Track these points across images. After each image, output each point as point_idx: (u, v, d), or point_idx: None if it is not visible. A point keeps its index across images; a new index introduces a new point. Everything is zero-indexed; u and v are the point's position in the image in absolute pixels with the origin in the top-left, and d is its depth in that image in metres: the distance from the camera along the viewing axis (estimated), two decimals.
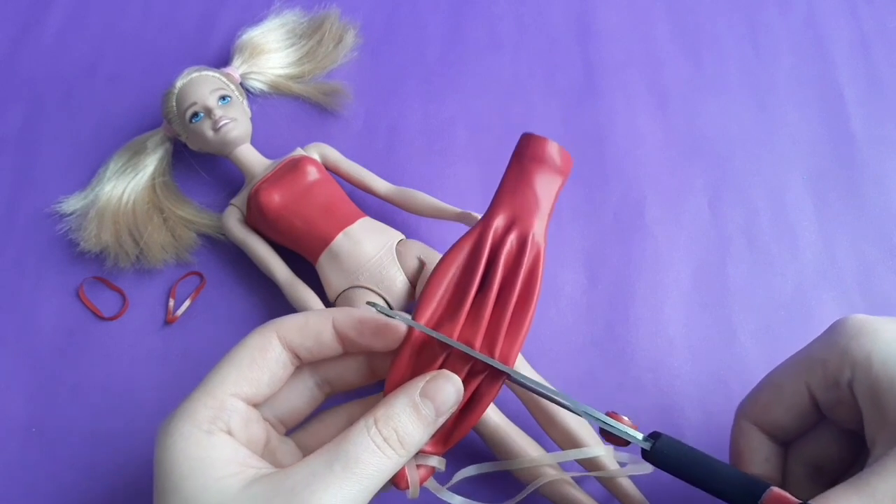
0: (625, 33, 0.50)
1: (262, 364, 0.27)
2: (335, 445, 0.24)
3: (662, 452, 0.28)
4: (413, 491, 0.27)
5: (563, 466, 0.35)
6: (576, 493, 0.34)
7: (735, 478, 0.28)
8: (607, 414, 0.28)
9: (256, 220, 0.40)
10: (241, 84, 0.45)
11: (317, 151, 0.42)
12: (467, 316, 0.28)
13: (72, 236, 0.42)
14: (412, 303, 0.38)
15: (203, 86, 0.41)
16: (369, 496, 0.24)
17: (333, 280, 0.38)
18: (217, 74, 0.43)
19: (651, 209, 0.44)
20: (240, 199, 0.41)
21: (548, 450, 0.35)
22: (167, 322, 0.41)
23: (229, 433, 0.26)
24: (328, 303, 0.38)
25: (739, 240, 0.43)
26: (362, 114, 0.47)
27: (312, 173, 0.40)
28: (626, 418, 0.28)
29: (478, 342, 0.28)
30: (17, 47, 0.50)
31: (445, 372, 0.26)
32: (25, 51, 0.50)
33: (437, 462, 0.28)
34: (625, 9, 0.51)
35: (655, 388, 0.39)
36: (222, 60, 0.47)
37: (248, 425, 0.27)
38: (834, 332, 0.29)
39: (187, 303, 0.41)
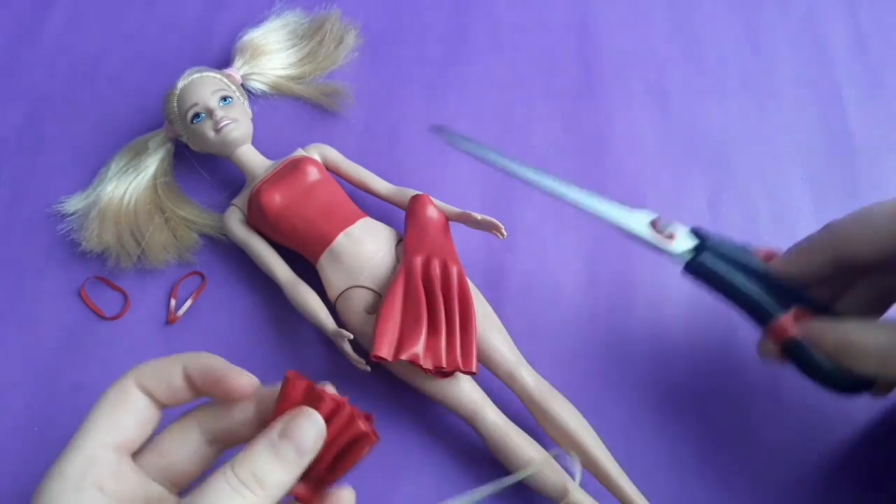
0: (625, 33, 0.50)
1: (124, 408, 0.26)
2: (195, 495, 0.23)
3: (703, 265, 0.33)
4: None
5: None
6: (576, 493, 0.34)
7: (766, 289, 0.32)
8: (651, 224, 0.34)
9: (257, 220, 0.40)
10: (242, 85, 0.45)
11: (317, 152, 0.42)
12: (427, 328, 0.34)
13: (73, 236, 0.42)
14: None
15: (204, 87, 0.41)
16: None
17: (334, 280, 0.38)
18: (218, 75, 0.43)
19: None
20: (241, 200, 0.41)
21: (547, 449, 0.35)
22: (168, 322, 0.41)
23: (100, 489, 0.25)
24: (329, 303, 0.38)
25: (739, 240, 0.43)
26: (363, 114, 0.47)
27: (313, 174, 0.40)
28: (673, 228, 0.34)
29: (441, 347, 0.34)
30: (19, 47, 0.50)
31: (306, 409, 0.25)
32: (27, 51, 0.50)
33: None
34: (625, 9, 0.51)
35: (656, 389, 0.39)
36: (223, 61, 0.47)
37: (119, 479, 0.26)
38: None
39: (189, 303, 0.41)
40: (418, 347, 0.34)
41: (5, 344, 0.41)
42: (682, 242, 0.34)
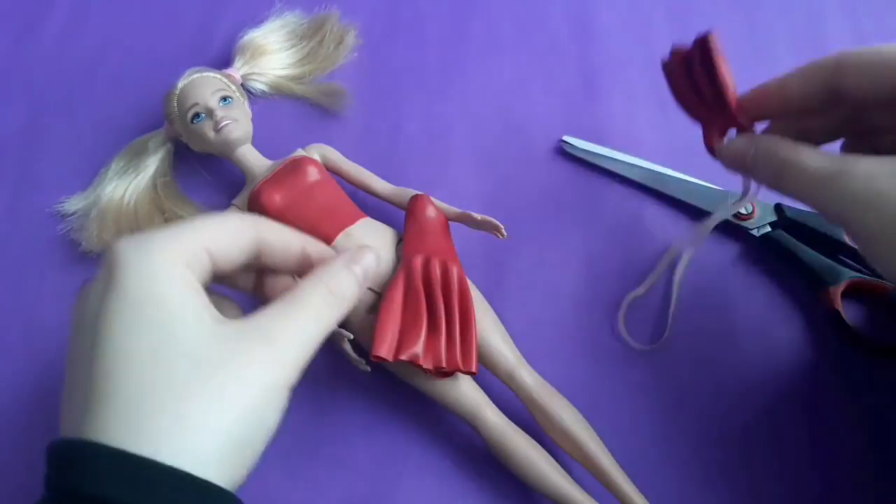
0: (625, 33, 0.50)
1: (234, 243, 0.28)
2: (288, 297, 0.27)
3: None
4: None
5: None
6: (575, 492, 0.34)
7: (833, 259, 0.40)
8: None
9: None
10: (242, 85, 0.45)
11: (317, 152, 0.42)
12: (427, 328, 0.35)
13: (73, 236, 0.42)
14: None
15: (204, 87, 0.41)
16: (321, 339, 0.27)
17: None
18: (218, 75, 0.43)
19: (651, 209, 0.44)
20: (241, 200, 0.41)
21: (546, 448, 0.35)
22: None
23: (187, 266, 0.26)
24: None
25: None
26: (363, 114, 0.47)
27: (313, 174, 0.40)
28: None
29: (441, 347, 0.34)
30: (20, 47, 0.50)
31: (366, 246, 0.31)
32: (27, 51, 0.50)
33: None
34: (625, 9, 0.51)
35: (656, 389, 0.39)
36: (223, 61, 0.47)
37: (204, 282, 0.27)
38: None
39: None
40: (418, 347, 0.34)
41: (5, 344, 0.41)
42: (762, 217, 0.41)
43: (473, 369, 0.34)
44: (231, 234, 0.28)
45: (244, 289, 0.32)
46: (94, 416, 0.23)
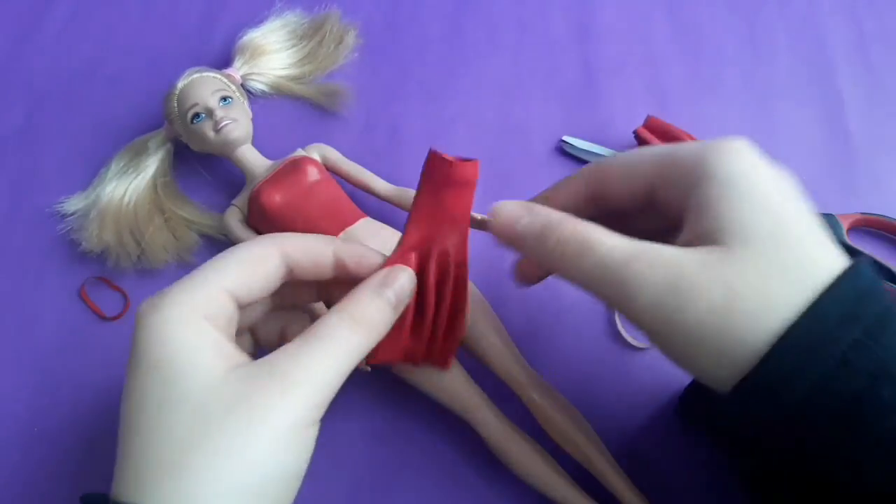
0: (625, 33, 0.50)
1: (260, 272, 0.27)
2: (307, 331, 0.26)
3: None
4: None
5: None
6: (574, 491, 0.34)
7: None
8: None
9: (257, 220, 0.40)
10: (241, 85, 0.45)
11: (317, 152, 0.42)
12: (410, 329, 0.31)
13: (73, 236, 0.42)
14: None
15: (204, 87, 0.41)
16: (345, 370, 0.26)
17: None
18: (218, 75, 0.43)
19: None
20: (241, 200, 0.41)
21: (546, 447, 0.35)
22: None
23: (208, 319, 0.26)
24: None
25: None
26: (363, 115, 0.47)
27: (313, 174, 0.40)
28: None
29: (420, 350, 0.32)
30: (19, 47, 0.50)
31: (399, 266, 0.29)
32: (27, 51, 0.50)
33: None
34: (625, 9, 0.51)
35: (657, 389, 0.39)
36: (223, 61, 0.47)
37: (230, 324, 0.27)
38: (705, 143, 0.28)
39: None
40: (401, 348, 0.32)
41: (5, 344, 0.41)
42: None
43: (447, 366, 0.34)
44: (252, 265, 0.27)
45: (309, 301, 0.32)
46: (117, 477, 0.24)
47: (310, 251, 0.29)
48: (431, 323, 0.32)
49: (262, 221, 0.39)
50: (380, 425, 0.38)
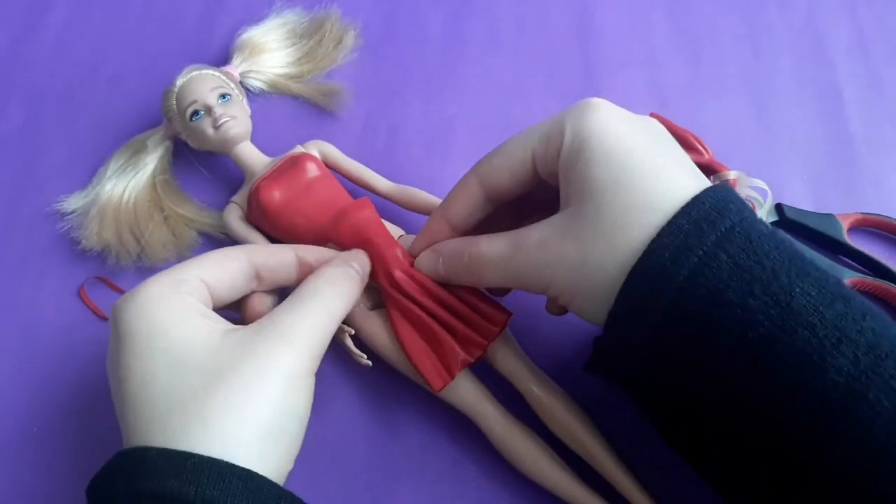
0: (625, 33, 0.50)
1: (227, 266, 0.31)
2: (294, 294, 0.30)
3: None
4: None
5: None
6: (578, 487, 0.34)
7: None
8: None
9: (257, 217, 0.40)
10: (240, 83, 0.45)
11: (317, 149, 0.42)
12: (445, 329, 0.34)
13: (73, 235, 0.42)
14: None
15: (203, 84, 0.41)
16: (333, 326, 0.30)
17: None
18: (217, 73, 0.43)
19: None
20: (240, 197, 0.41)
21: (548, 443, 0.35)
22: None
23: (190, 294, 0.29)
24: None
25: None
26: (362, 114, 0.47)
27: (312, 170, 0.40)
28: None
29: (468, 331, 0.34)
30: (18, 46, 0.50)
31: (356, 250, 0.35)
32: (26, 50, 0.50)
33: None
34: (625, 9, 0.51)
35: None
36: (222, 59, 0.47)
37: (207, 306, 0.30)
38: (564, 111, 0.30)
39: None
40: (459, 353, 0.34)
41: (5, 344, 0.40)
42: (763, 217, 0.40)
43: (506, 321, 0.34)
44: (220, 260, 0.31)
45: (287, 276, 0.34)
46: (136, 436, 0.26)
47: (274, 253, 0.33)
48: (448, 312, 0.34)
49: (262, 218, 0.39)
50: (380, 425, 0.38)
